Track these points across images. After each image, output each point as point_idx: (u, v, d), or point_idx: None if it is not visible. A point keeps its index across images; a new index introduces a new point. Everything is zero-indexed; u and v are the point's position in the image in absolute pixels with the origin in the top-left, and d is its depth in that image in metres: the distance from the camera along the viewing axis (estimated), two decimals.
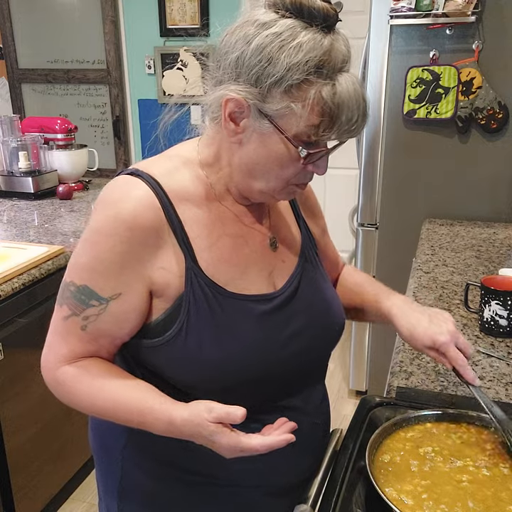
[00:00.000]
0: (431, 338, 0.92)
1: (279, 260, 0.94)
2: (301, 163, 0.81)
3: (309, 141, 0.79)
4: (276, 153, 0.80)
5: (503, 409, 0.89)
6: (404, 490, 0.79)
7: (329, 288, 1.01)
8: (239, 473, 0.93)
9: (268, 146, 0.80)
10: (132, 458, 0.96)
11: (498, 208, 2.34)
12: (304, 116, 0.76)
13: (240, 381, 0.85)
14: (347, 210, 3.57)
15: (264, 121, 0.78)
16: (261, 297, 0.89)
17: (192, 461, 0.91)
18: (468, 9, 2.10)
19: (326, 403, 1.04)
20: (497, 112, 2.21)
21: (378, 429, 0.89)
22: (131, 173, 0.85)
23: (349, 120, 0.77)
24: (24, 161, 2.63)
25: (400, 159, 2.41)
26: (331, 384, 2.91)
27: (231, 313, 0.85)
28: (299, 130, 0.77)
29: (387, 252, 2.53)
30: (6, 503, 1.83)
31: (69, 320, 0.84)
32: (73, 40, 3.96)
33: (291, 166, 0.82)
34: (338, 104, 0.75)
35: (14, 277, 1.76)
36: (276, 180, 0.84)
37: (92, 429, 1.05)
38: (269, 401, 0.91)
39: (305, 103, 0.75)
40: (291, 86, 0.75)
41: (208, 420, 0.75)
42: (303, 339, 0.91)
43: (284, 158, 0.80)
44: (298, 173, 0.84)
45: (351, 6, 3.30)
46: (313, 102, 0.75)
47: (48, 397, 0.89)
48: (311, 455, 0.98)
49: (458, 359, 0.91)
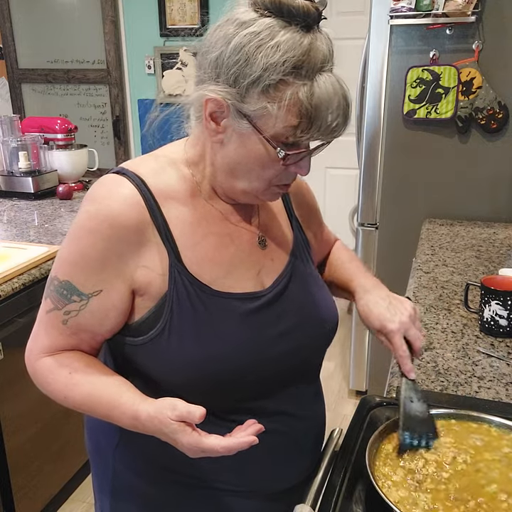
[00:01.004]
0: (380, 323, 0.93)
1: (267, 259, 0.93)
2: (281, 164, 0.80)
3: (288, 142, 0.78)
4: (255, 153, 0.80)
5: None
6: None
7: (321, 288, 1.00)
8: (232, 476, 0.92)
9: (248, 147, 0.80)
10: (124, 458, 0.96)
11: (498, 208, 2.34)
12: (280, 117, 0.75)
13: (224, 381, 0.85)
14: (347, 210, 3.57)
15: (243, 121, 0.78)
16: (246, 295, 0.88)
17: (185, 464, 0.90)
18: (468, 9, 2.10)
19: (320, 406, 1.03)
20: (497, 111, 2.21)
21: (378, 429, 0.89)
22: (118, 171, 0.86)
23: (328, 121, 0.76)
24: (24, 161, 2.63)
25: (400, 159, 2.41)
26: (331, 384, 2.92)
27: (214, 311, 0.85)
28: (277, 131, 0.77)
29: (387, 252, 2.53)
30: (6, 503, 1.83)
31: (51, 313, 0.86)
32: (73, 40, 3.97)
33: (271, 167, 0.81)
34: (315, 105, 0.74)
35: (14, 277, 1.76)
36: (258, 180, 0.83)
37: (87, 429, 1.05)
38: (259, 401, 0.90)
39: (281, 104, 0.74)
40: (268, 86, 0.74)
41: (170, 418, 0.74)
42: (292, 339, 0.90)
43: (263, 158, 0.80)
44: (279, 174, 0.83)
45: (351, 6, 3.31)
46: (290, 103, 0.74)
47: (47, 397, 0.89)
48: (305, 457, 0.98)
49: (399, 349, 0.91)
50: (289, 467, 0.96)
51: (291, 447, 0.95)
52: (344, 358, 3.08)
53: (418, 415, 0.89)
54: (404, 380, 0.92)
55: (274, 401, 0.91)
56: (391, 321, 0.92)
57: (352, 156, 2.80)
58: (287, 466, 0.96)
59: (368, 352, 2.67)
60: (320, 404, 1.03)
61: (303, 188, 1.07)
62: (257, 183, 0.84)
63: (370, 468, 0.80)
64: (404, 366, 0.92)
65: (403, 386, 0.92)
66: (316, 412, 1.01)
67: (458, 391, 1.11)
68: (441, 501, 0.77)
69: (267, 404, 0.91)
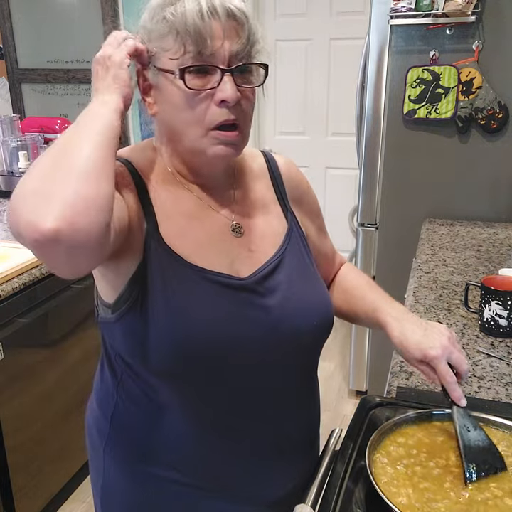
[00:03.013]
0: (421, 352, 0.87)
1: (243, 248, 0.91)
2: (190, 92, 0.80)
3: (189, 67, 0.80)
4: (172, 96, 0.82)
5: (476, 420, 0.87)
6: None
7: (316, 282, 0.97)
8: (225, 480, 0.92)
9: (167, 97, 0.83)
10: (112, 458, 0.96)
11: (498, 208, 2.34)
12: (162, 47, 0.81)
13: (201, 357, 0.83)
14: (347, 210, 3.57)
15: (154, 72, 0.83)
16: (221, 275, 0.86)
17: (175, 465, 0.90)
18: (468, 9, 2.10)
19: (313, 407, 1.01)
20: (497, 111, 2.21)
21: (378, 429, 0.89)
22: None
23: (204, 33, 0.77)
24: (24, 161, 2.63)
25: (400, 159, 2.41)
26: (331, 384, 2.92)
27: (187, 282, 0.84)
28: (170, 60, 0.80)
29: (387, 252, 2.53)
30: (6, 503, 1.83)
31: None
32: (73, 40, 3.96)
33: (194, 103, 0.81)
34: (180, 19, 0.78)
35: (14, 277, 1.76)
36: (193, 126, 0.82)
37: (86, 425, 1.05)
38: (245, 397, 0.88)
39: (157, 32, 0.81)
40: (154, 24, 0.81)
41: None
42: (274, 328, 0.88)
43: (180, 97, 0.81)
44: (208, 110, 0.81)
45: (351, 6, 3.31)
46: (161, 26, 0.80)
47: (47, 397, 0.89)
48: (300, 461, 0.97)
49: (446, 375, 0.86)
50: (282, 470, 0.95)
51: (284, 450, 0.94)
52: (344, 358, 3.08)
53: (479, 444, 0.84)
54: (456, 409, 0.87)
55: (261, 400, 0.90)
56: (432, 348, 0.87)
57: (352, 156, 2.80)
58: (280, 470, 0.95)
59: (368, 352, 2.67)
60: (313, 407, 1.01)
61: (303, 184, 1.05)
62: (193, 131, 0.83)
63: (370, 468, 0.80)
64: (453, 393, 0.87)
65: (456, 415, 0.86)
66: (309, 414, 1.00)
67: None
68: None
69: (254, 403, 0.89)
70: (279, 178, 1.00)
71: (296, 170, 1.05)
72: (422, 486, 0.80)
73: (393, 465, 0.84)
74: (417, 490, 0.79)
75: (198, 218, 0.89)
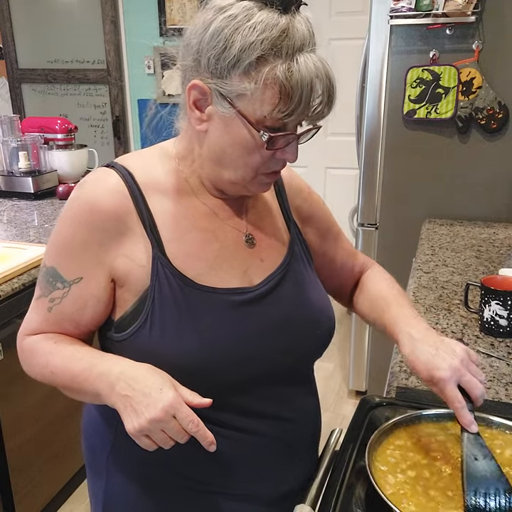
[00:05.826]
0: (428, 372, 0.83)
1: (256, 258, 0.92)
2: (265, 149, 0.80)
3: (273, 126, 0.78)
4: (240, 138, 0.80)
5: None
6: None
7: (318, 291, 0.98)
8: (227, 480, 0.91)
9: (232, 132, 0.80)
10: (117, 464, 0.95)
11: (498, 208, 2.34)
12: (259, 96, 0.75)
13: (205, 378, 0.83)
14: (347, 210, 3.57)
15: (225, 105, 0.78)
16: (232, 290, 0.86)
17: (180, 468, 0.90)
18: (468, 9, 2.10)
19: (313, 408, 1.01)
20: (497, 112, 2.21)
21: (378, 429, 0.89)
22: (108, 165, 0.88)
23: (310, 100, 0.76)
24: (24, 161, 2.63)
25: (400, 159, 2.41)
26: (331, 384, 2.92)
27: (197, 304, 0.84)
28: (260, 113, 0.76)
29: (387, 252, 2.53)
30: (6, 503, 1.83)
31: (39, 300, 0.89)
32: (73, 40, 3.97)
33: (257, 153, 0.80)
34: (294, 83, 0.73)
35: (14, 277, 1.76)
36: (244, 168, 0.83)
37: (83, 430, 1.05)
38: (245, 401, 0.88)
39: (260, 83, 0.74)
40: (248, 67, 0.74)
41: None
42: (281, 338, 0.89)
43: (248, 143, 0.80)
44: (266, 161, 0.82)
45: (351, 6, 3.31)
46: (268, 82, 0.74)
47: (47, 398, 0.89)
48: (300, 460, 0.97)
49: (454, 400, 0.81)
50: (283, 470, 0.95)
51: (283, 450, 0.94)
52: (344, 358, 3.08)
53: (486, 475, 0.76)
54: (466, 435, 0.81)
55: (262, 402, 0.90)
56: (440, 369, 0.82)
57: (352, 156, 2.80)
58: (281, 469, 0.95)
59: (368, 352, 2.67)
60: (313, 407, 1.01)
61: (303, 192, 1.05)
62: (243, 171, 0.83)
63: (370, 469, 0.80)
64: (461, 419, 0.81)
65: (465, 442, 0.80)
66: (308, 414, 0.99)
67: None
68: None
69: (255, 404, 0.89)
70: (281, 186, 1.01)
71: (296, 177, 1.05)
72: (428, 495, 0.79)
73: (394, 473, 0.83)
74: (424, 497, 0.78)
75: (211, 231, 0.89)
